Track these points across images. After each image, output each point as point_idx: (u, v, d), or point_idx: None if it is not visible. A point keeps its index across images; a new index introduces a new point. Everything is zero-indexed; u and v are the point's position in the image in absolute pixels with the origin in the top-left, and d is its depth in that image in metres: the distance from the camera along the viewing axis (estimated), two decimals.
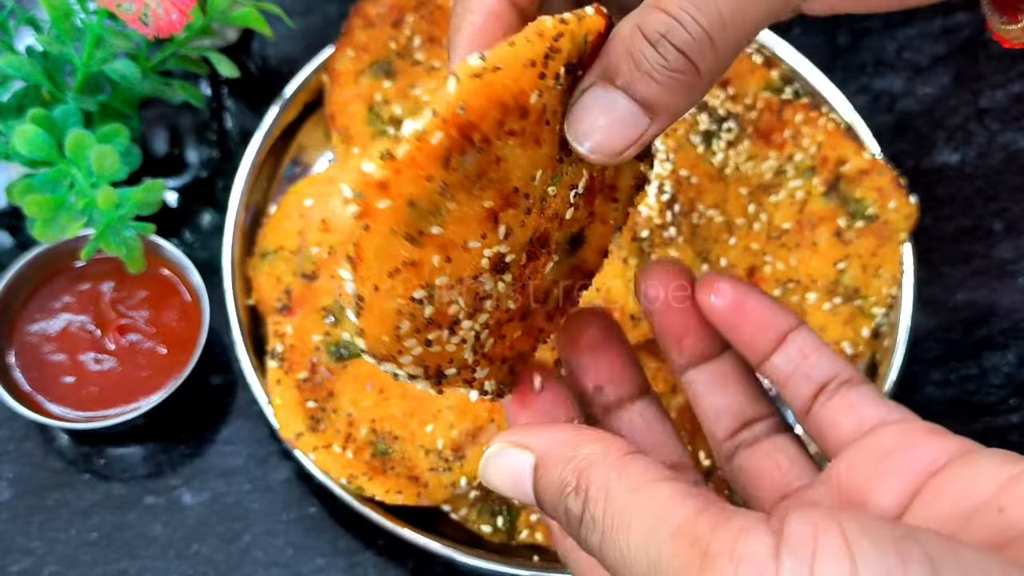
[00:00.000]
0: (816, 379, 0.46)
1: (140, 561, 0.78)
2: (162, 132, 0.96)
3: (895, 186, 0.86)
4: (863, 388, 0.45)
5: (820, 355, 0.47)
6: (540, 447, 0.38)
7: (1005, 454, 0.38)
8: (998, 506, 0.35)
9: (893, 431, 0.42)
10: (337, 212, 0.84)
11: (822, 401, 0.46)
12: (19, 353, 0.80)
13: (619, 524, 0.33)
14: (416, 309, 0.41)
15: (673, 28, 0.37)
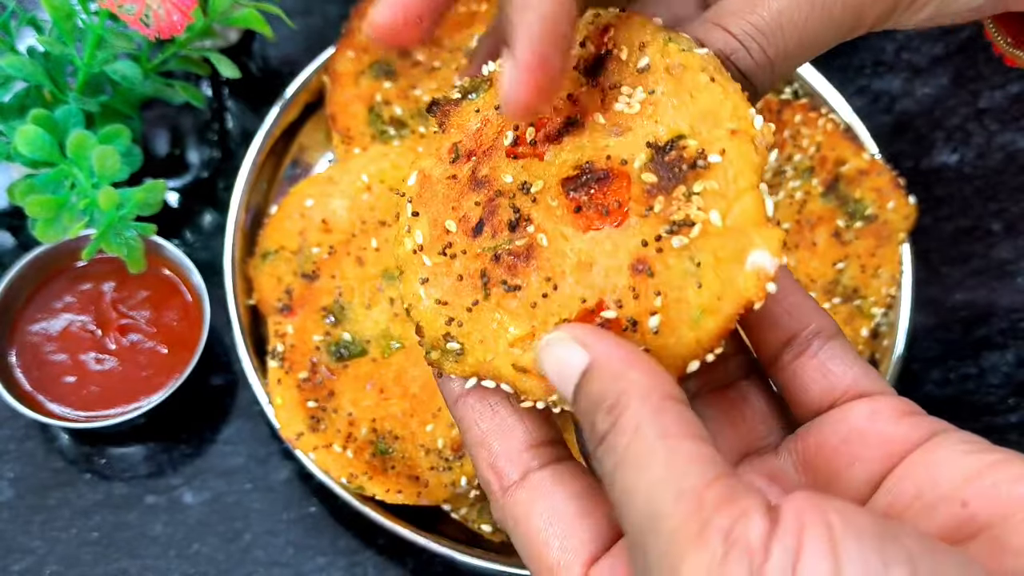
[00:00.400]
0: (785, 327, 0.44)
1: (141, 560, 0.78)
2: (163, 133, 0.96)
3: (894, 186, 0.87)
4: (834, 344, 0.43)
5: (793, 299, 0.44)
6: (596, 352, 0.38)
7: (971, 440, 0.38)
8: (962, 499, 0.35)
9: (863, 410, 0.41)
10: (337, 213, 0.85)
11: (790, 356, 0.44)
12: (20, 353, 0.81)
13: (635, 463, 0.34)
14: None
15: (738, 52, 0.39)
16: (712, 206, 0.40)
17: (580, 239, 0.43)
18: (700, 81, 0.41)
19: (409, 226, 0.45)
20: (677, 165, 0.41)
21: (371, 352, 0.80)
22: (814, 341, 0.43)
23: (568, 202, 0.43)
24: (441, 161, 0.46)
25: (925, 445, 0.39)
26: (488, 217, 0.44)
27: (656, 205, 0.41)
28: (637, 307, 0.40)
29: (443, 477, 0.75)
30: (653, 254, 0.40)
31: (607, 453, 0.35)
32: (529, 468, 0.42)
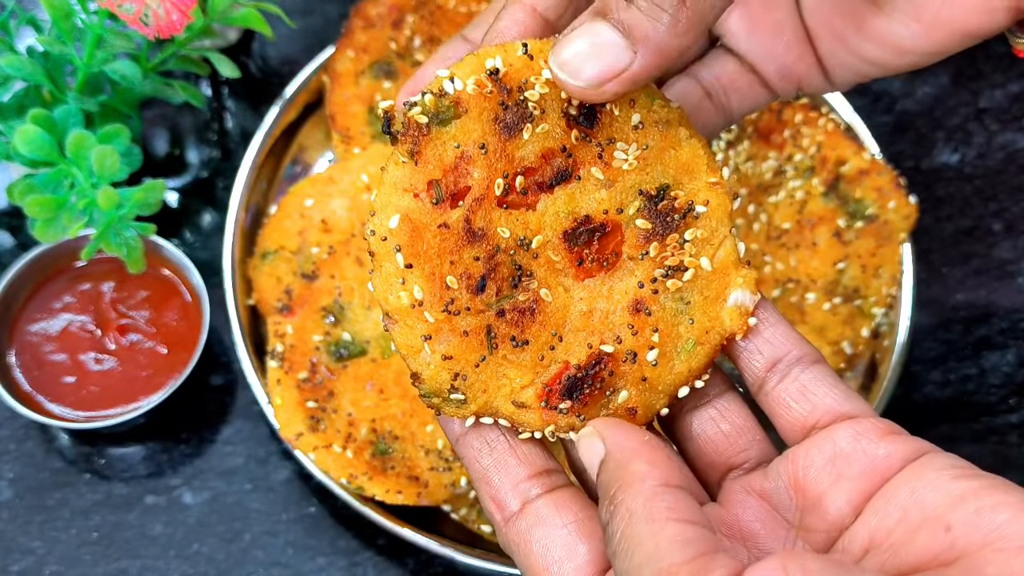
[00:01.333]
0: (767, 354, 0.46)
1: (141, 560, 0.78)
2: (163, 132, 0.96)
3: (894, 186, 0.86)
4: (815, 370, 0.45)
5: (775, 330, 0.46)
6: (611, 444, 0.41)
7: (958, 465, 0.38)
8: (946, 523, 0.36)
9: (846, 432, 0.42)
10: (337, 213, 0.85)
11: (773, 381, 0.45)
12: (20, 353, 0.81)
13: (626, 548, 0.37)
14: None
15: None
16: (702, 252, 0.46)
17: (580, 289, 0.46)
18: (681, 136, 0.46)
19: (403, 279, 0.44)
20: (670, 214, 0.46)
21: (371, 352, 0.79)
22: (795, 367, 0.45)
23: (571, 256, 0.46)
24: (422, 203, 0.44)
25: (911, 466, 0.39)
26: (490, 274, 0.44)
27: (651, 250, 0.46)
28: (636, 342, 0.45)
29: (443, 477, 0.75)
30: (649, 295, 0.46)
31: (609, 539, 0.38)
32: (527, 498, 0.44)
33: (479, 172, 0.44)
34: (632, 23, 0.39)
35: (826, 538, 0.41)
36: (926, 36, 0.47)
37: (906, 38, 0.48)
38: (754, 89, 0.54)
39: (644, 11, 0.39)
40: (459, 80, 0.44)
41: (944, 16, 0.46)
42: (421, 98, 0.44)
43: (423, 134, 0.44)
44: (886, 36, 0.48)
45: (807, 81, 0.53)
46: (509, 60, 0.44)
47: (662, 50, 0.40)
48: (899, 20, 0.47)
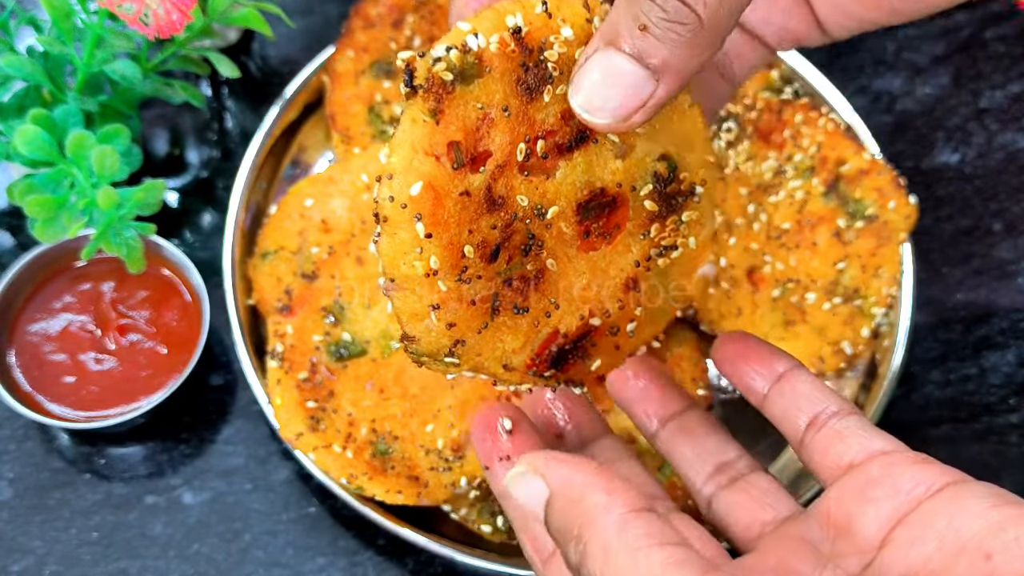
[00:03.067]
0: (807, 412, 0.47)
1: (141, 560, 0.78)
2: (163, 132, 0.96)
3: (895, 186, 0.86)
4: (851, 419, 0.46)
5: (812, 390, 0.48)
6: (555, 482, 0.39)
7: (992, 491, 0.38)
8: (985, 552, 0.35)
9: (879, 461, 0.43)
10: (337, 213, 0.85)
11: (812, 433, 0.47)
12: (20, 353, 0.81)
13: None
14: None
15: None
16: (691, 233, 0.47)
17: (582, 260, 0.46)
18: (683, 104, 0.46)
19: (421, 248, 0.41)
20: (675, 197, 0.46)
21: (371, 352, 0.79)
22: (833, 418, 0.47)
23: (580, 228, 0.45)
24: (443, 168, 0.41)
25: (946, 492, 0.39)
26: (504, 243, 0.43)
27: (652, 231, 0.46)
28: (621, 316, 0.46)
29: (443, 477, 0.75)
30: (643, 272, 0.47)
31: None
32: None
33: (501, 136, 0.42)
34: (649, 51, 0.37)
35: (858, 563, 0.40)
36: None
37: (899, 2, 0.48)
38: (756, 51, 0.53)
39: (661, 38, 0.37)
40: (482, 36, 0.41)
41: None
42: (446, 53, 0.41)
43: (447, 92, 0.41)
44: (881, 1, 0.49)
45: (806, 37, 0.52)
46: (529, 18, 0.42)
47: (684, 72, 0.38)
48: None
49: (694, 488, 0.52)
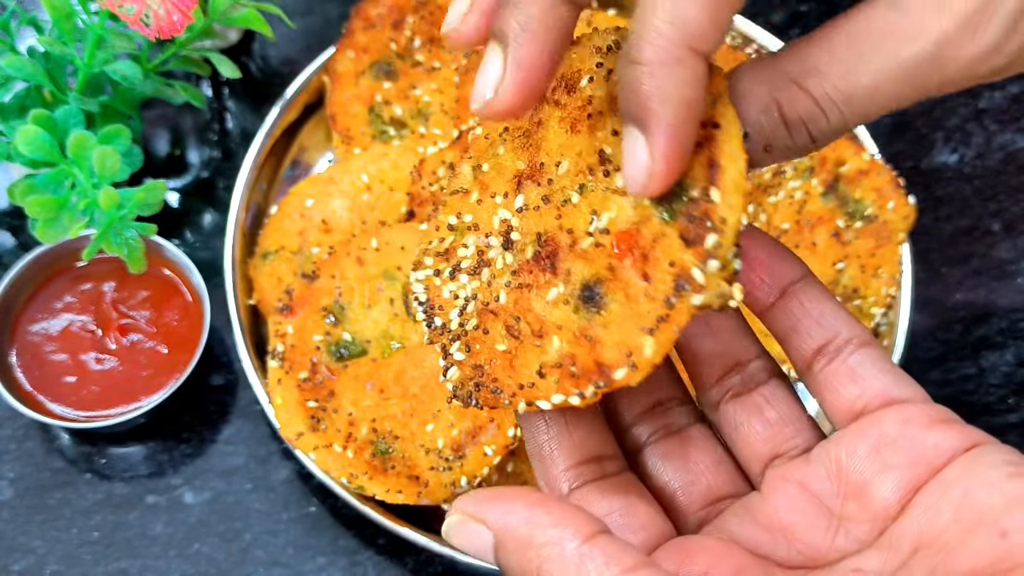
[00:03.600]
0: (816, 337, 0.44)
1: (141, 560, 0.78)
2: (163, 133, 0.96)
3: (894, 186, 0.87)
4: (864, 352, 0.43)
5: (822, 309, 0.44)
6: (497, 525, 0.36)
7: (1012, 460, 0.37)
8: (1001, 529, 0.35)
9: (894, 417, 0.40)
10: (337, 213, 0.85)
11: (822, 363, 0.43)
12: (21, 353, 0.81)
13: None
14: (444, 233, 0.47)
15: (817, 120, 0.37)
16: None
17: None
18: None
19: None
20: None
21: (371, 352, 0.80)
22: (845, 348, 0.43)
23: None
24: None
25: (963, 459, 0.38)
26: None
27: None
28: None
29: (443, 477, 0.75)
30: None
31: None
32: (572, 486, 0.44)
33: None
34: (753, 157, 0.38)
35: (870, 530, 0.39)
36: None
37: None
38: None
39: (773, 155, 0.39)
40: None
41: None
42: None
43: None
44: None
45: None
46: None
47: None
48: None
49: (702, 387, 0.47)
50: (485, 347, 0.44)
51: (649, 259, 0.40)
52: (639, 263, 0.40)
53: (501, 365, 0.44)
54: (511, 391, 0.43)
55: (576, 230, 0.43)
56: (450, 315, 0.46)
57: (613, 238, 0.41)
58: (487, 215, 0.46)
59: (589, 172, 0.43)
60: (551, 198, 0.44)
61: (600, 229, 0.42)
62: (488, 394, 0.44)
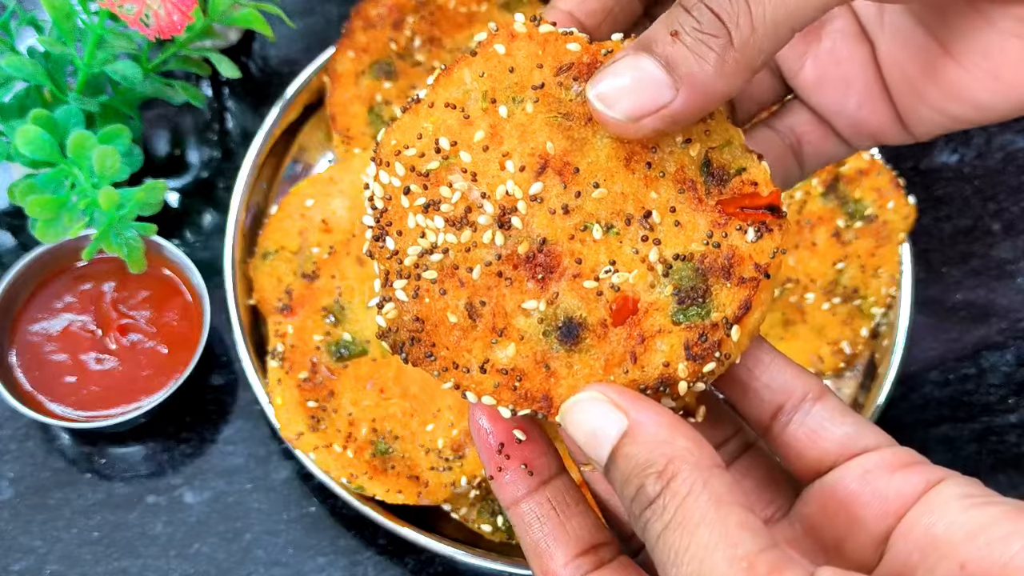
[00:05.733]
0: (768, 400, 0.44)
1: (141, 560, 0.78)
2: (163, 133, 0.96)
3: (894, 186, 0.87)
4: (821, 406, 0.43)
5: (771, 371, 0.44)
6: (637, 417, 0.38)
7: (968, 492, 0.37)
8: (960, 561, 0.35)
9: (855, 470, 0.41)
10: (337, 213, 0.85)
11: (780, 426, 0.44)
12: (21, 353, 0.81)
13: (687, 526, 0.35)
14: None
15: None
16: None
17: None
18: None
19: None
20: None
21: (371, 352, 0.80)
22: (801, 407, 0.44)
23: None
24: None
25: (923, 499, 0.39)
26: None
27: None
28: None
29: (443, 477, 0.75)
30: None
31: (655, 516, 0.36)
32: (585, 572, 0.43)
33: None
34: (676, 59, 0.37)
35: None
36: (1006, 94, 0.45)
37: (984, 95, 0.45)
38: (827, 143, 0.52)
39: (690, 48, 0.37)
40: None
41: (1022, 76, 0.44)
42: None
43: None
44: (963, 91, 0.46)
45: (883, 134, 0.50)
46: None
47: (706, 90, 0.38)
48: (977, 76, 0.45)
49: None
50: (435, 306, 0.42)
51: (646, 345, 0.41)
52: (633, 340, 0.41)
53: (444, 334, 0.42)
54: (444, 364, 0.42)
55: (585, 266, 0.42)
56: (408, 249, 0.43)
57: (617, 300, 0.41)
58: (490, 172, 0.42)
59: (626, 221, 0.41)
60: (572, 213, 0.42)
61: (612, 285, 0.41)
62: (420, 355, 0.43)
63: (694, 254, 0.41)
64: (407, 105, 0.44)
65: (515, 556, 0.77)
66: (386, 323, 0.43)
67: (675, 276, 0.41)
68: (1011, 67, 0.43)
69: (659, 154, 0.42)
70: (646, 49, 0.38)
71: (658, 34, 0.38)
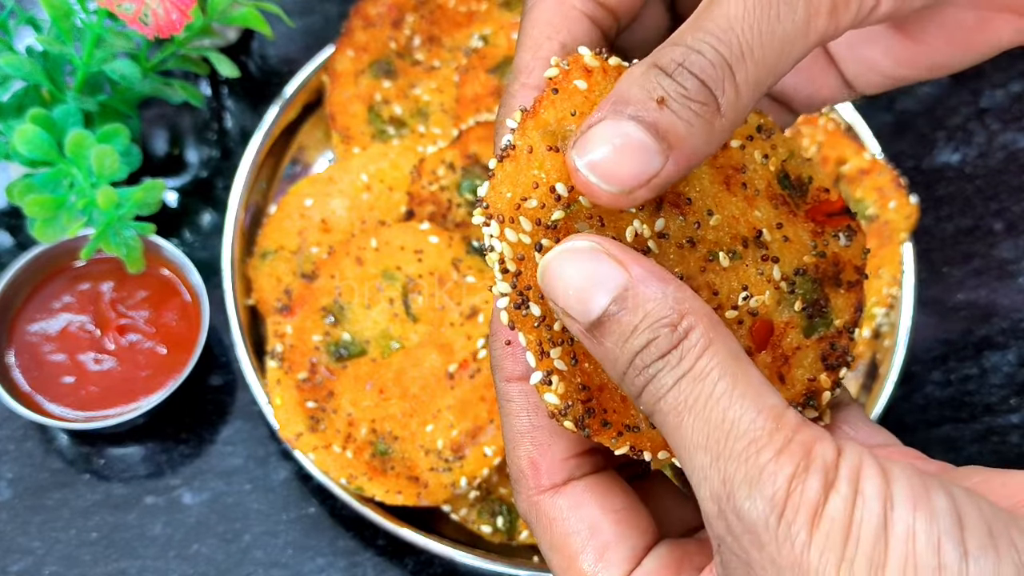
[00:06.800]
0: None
1: (140, 561, 0.78)
2: (162, 132, 0.96)
3: (895, 186, 0.86)
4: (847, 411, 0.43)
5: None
6: (639, 272, 0.36)
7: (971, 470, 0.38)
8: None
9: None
10: (337, 212, 0.85)
11: None
12: (19, 353, 0.80)
13: (709, 377, 0.34)
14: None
15: (691, 56, 0.36)
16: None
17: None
18: None
19: None
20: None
21: (371, 352, 0.79)
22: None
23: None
24: None
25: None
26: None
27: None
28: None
29: (443, 478, 0.75)
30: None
31: (669, 367, 0.35)
32: (572, 475, 0.42)
33: None
34: (665, 127, 0.36)
35: None
36: (957, 56, 0.46)
37: (936, 60, 0.46)
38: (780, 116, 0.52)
39: (678, 115, 0.36)
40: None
41: (975, 41, 0.45)
42: None
43: None
44: (917, 59, 0.46)
45: (833, 97, 0.51)
46: None
47: (695, 155, 0.37)
48: (931, 46, 0.45)
49: None
50: (594, 369, 0.40)
51: (790, 364, 0.41)
52: (779, 363, 0.41)
53: (609, 398, 0.40)
54: (618, 429, 0.40)
55: (722, 296, 0.40)
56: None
57: (755, 325, 0.41)
58: (613, 213, 0.39)
59: (743, 243, 0.41)
60: (698, 244, 0.40)
61: (750, 310, 0.40)
62: (599, 425, 0.40)
63: (807, 266, 0.42)
64: (504, 153, 0.40)
65: (515, 557, 0.77)
66: (559, 400, 0.40)
67: (800, 291, 0.41)
68: (964, 35, 0.44)
69: (749, 174, 0.42)
70: (628, 114, 0.36)
71: (637, 97, 0.36)
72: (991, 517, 0.31)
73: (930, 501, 0.31)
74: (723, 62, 0.36)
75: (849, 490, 0.31)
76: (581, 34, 0.43)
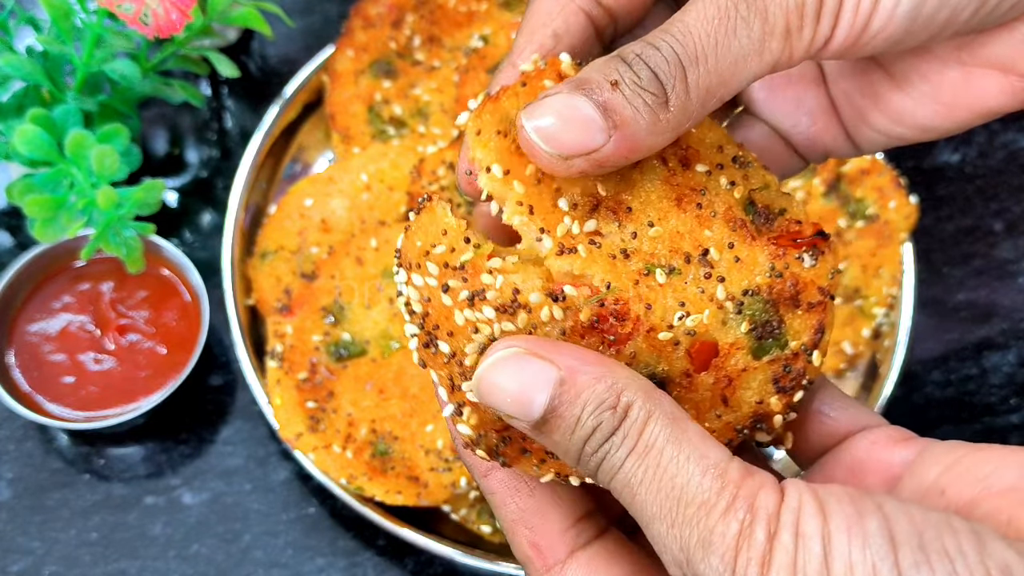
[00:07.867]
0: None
1: (140, 561, 0.78)
2: (162, 132, 0.96)
3: (895, 186, 0.86)
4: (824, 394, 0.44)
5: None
6: (568, 364, 0.37)
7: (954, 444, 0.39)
8: (940, 488, 0.37)
9: (862, 442, 0.43)
10: (337, 212, 0.84)
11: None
12: (19, 353, 0.80)
13: (655, 447, 0.36)
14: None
15: (649, 51, 0.39)
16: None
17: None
18: None
19: None
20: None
21: (371, 352, 0.79)
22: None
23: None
24: None
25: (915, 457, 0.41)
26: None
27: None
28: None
29: (443, 478, 0.75)
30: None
31: (615, 447, 0.36)
32: (575, 546, 0.43)
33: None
34: (614, 106, 0.38)
35: None
36: (948, 116, 0.46)
37: (927, 118, 0.47)
38: (785, 156, 0.53)
39: (628, 99, 0.38)
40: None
41: (963, 99, 0.45)
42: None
43: None
44: (906, 115, 0.47)
45: (834, 148, 0.52)
46: None
47: (635, 143, 0.39)
48: (919, 101, 0.46)
49: None
50: None
51: (735, 386, 0.41)
52: (720, 384, 0.41)
53: None
54: (540, 456, 0.40)
55: (655, 312, 0.40)
56: (466, 348, 0.40)
57: (696, 345, 0.40)
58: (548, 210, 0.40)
59: (685, 259, 0.41)
60: (632, 256, 0.40)
61: (687, 331, 0.40)
62: (516, 452, 0.40)
63: (760, 287, 0.41)
64: (420, 205, 0.42)
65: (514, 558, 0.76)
66: (471, 430, 0.41)
67: (748, 311, 0.41)
68: (951, 90, 0.45)
69: (708, 196, 0.42)
70: (583, 91, 0.39)
71: (595, 79, 0.39)
72: (922, 525, 0.32)
73: (863, 527, 0.32)
74: (677, 61, 0.38)
75: (790, 536, 0.33)
76: (575, 26, 0.45)
